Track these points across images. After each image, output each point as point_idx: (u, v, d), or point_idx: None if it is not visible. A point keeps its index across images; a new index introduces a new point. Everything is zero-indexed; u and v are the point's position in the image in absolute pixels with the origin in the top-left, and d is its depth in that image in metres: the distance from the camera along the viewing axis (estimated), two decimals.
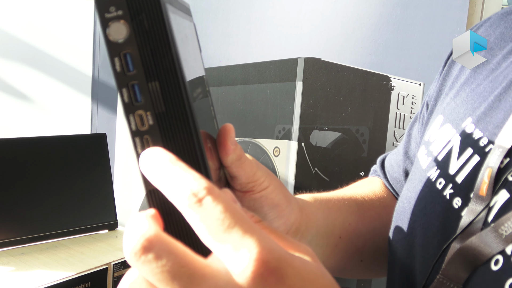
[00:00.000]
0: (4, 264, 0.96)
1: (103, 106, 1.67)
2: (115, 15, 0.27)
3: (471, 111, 0.45)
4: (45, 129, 1.70)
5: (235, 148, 0.36)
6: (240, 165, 0.37)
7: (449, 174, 0.43)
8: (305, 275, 0.26)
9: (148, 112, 0.28)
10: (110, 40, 0.28)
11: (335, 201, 0.55)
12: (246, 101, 1.24)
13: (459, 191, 0.41)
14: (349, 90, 1.14)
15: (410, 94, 1.20)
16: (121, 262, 1.03)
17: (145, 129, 0.28)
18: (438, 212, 0.42)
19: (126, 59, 0.28)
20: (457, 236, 0.38)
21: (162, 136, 0.28)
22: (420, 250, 0.44)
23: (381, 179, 0.66)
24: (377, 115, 1.18)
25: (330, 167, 1.14)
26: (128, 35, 0.28)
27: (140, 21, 0.27)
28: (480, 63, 0.47)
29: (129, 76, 0.28)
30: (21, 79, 1.71)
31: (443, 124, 0.48)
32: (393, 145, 1.20)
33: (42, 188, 1.09)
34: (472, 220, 0.37)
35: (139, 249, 0.24)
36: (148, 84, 0.28)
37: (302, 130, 1.09)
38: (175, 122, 0.28)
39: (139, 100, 0.28)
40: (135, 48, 0.28)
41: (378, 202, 0.61)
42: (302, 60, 1.08)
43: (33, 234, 1.06)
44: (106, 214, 1.19)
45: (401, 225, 0.48)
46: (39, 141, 1.14)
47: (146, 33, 0.28)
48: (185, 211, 0.25)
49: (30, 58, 1.69)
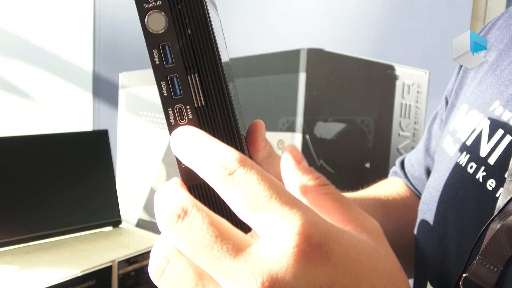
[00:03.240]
0: (8, 264, 0.95)
1: (105, 102, 1.66)
2: (154, 5, 0.27)
3: (498, 95, 0.44)
4: (47, 126, 1.70)
5: (266, 145, 0.35)
6: (270, 162, 0.37)
7: (480, 157, 0.42)
8: (355, 255, 0.23)
9: (187, 105, 0.28)
10: (149, 31, 0.27)
11: (360, 200, 0.55)
12: (249, 94, 1.22)
13: (493, 173, 0.40)
14: (353, 80, 1.12)
15: (416, 83, 1.18)
16: (125, 259, 1.02)
17: (184, 123, 0.28)
18: (472, 197, 0.42)
19: (165, 51, 0.27)
20: (495, 217, 0.37)
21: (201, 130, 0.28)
22: (454, 238, 0.43)
23: (402, 179, 0.66)
24: (382, 105, 1.16)
25: (335, 159, 1.12)
26: (167, 26, 0.27)
27: (179, 12, 0.27)
28: (503, 51, 0.47)
29: (168, 69, 0.28)
30: (22, 77, 1.70)
31: (469, 111, 0.48)
32: (399, 135, 1.18)
33: (45, 186, 1.08)
34: (510, 199, 0.37)
35: (174, 216, 0.23)
36: (187, 77, 0.27)
37: (306, 122, 1.08)
38: (215, 117, 0.28)
39: (178, 93, 0.28)
40: (174, 39, 0.27)
41: (402, 201, 0.61)
42: (304, 51, 1.06)
43: (35, 232, 1.05)
44: (109, 211, 1.18)
45: (430, 215, 0.47)
46: (41, 138, 1.13)
47: (185, 24, 0.27)
48: (217, 187, 0.24)
49: (31, 55, 1.68)
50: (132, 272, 1.04)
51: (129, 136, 1.56)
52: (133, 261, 1.04)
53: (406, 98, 1.18)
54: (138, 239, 1.13)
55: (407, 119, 1.18)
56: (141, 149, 1.52)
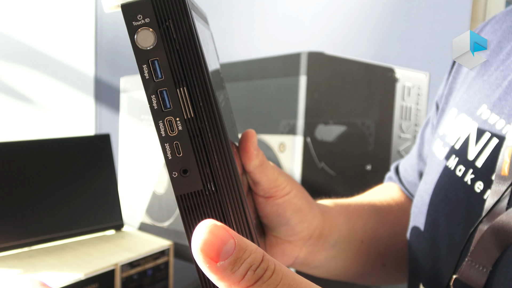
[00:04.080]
0: (11, 267, 0.95)
1: (106, 106, 1.66)
2: (143, 23, 0.28)
3: (485, 99, 0.45)
4: (49, 131, 1.70)
5: (258, 154, 0.36)
6: (263, 171, 0.38)
7: (468, 160, 0.43)
8: None
9: (177, 118, 0.29)
10: (138, 47, 0.28)
11: (355, 206, 0.56)
12: (249, 97, 1.23)
13: (480, 175, 0.41)
14: (354, 83, 1.13)
15: (416, 85, 1.19)
16: (128, 262, 1.03)
17: (174, 135, 0.29)
18: (461, 199, 0.42)
19: (154, 66, 0.29)
20: (483, 218, 0.38)
21: (191, 141, 0.29)
22: (445, 240, 0.44)
23: (397, 185, 0.66)
24: (382, 107, 1.17)
25: (336, 161, 1.13)
26: (156, 42, 0.28)
27: (168, 28, 0.28)
28: (490, 57, 0.48)
29: (157, 83, 0.29)
30: (24, 82, 1.71)
31: (457, 115, 0.48)
32: (400, 137, 1.19)
33: (47, 190, 1.09)
34: (497, 200, 0.37)
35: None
36: (177, 90, 0.28)
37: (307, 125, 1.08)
38: (205, 128, 0.29)
39: (168, 106, 0.29)
40: (163, 54, 0.28)
41: (397, 206, 0.62)
42: (305, 54, 1.07)
43: (39, 236, 1.05)
44: (112, 215, 1.19)
45: (422, 218, 0.48)
46: (42, 143, 1.13)
47: (174, 39, 0.28)
48: None
49: (32, 60, 1.69)
50: (135, 275, 1.05)
51: (131, 140, 1.57)
52: (136, 264, 1.05)
53: (406, 101, 1.18)
54: (141, 242, 1.14)
55: (408, 121, 1.19)
56: (143, 153, 1.53)
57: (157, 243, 1.13)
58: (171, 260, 1.15)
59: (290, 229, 0.43)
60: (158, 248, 1.11)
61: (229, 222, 0.31)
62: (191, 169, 0.29)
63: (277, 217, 0.41)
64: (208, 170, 0.29)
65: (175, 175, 0.29)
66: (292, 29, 1.30)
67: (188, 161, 0.29)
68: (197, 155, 0.29)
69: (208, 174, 0.30)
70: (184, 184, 0.29)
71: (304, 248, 0.45)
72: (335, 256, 0.49)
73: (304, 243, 0.45)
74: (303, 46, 1.23)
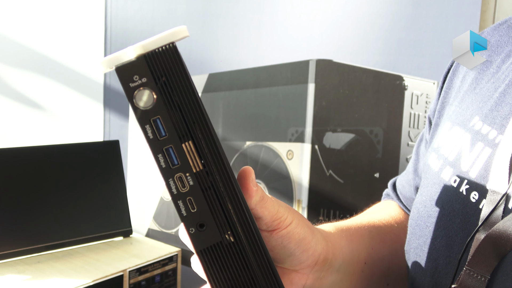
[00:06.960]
0: (20, 273, 0.96)
1: (116, 113, 1.67)
2: (140, 83, 0.27)
3: (478, 110, 0.46)
4: (58, 137, 1.72)
5: (257, 190, 0.36)
6: (264, 205, 0.38)
7: (462, 170, 0.43)
8: None
9: (187, 173, 0.28)
10: (139, 108, 0.28)
11: (355, 228, 0.56)
12: (258, 104, 1.23)
13: (475, 185, 0.41)
14: (362, 90, 1.13)
15: (424, 93, 1.19)
16: (136, 268, 1.03)
17: (186, 191, 0.28)
18: (457, 210, 0.43)
19: (157, 124, 0.28)
20: (479, 227, 0.38)
21: (204, 194, 0.29)
22: (443, 251, 0.44)
23: (395, 202, 0.67)
24: (391, 115, 1.17)
25: (344, 169, 1.12)
26: (156, 100, 0.28)
27: (165, 84, 0.27)
28: (481, 70, 0.49)
29: (162, 141, 0.28)
30: (34, 88, 1.72)
31: (451, 128, 0.49)
32: (408, 145, 1.19)
33: (56, 196, 1.10)
34: (492, 209, 0.38)
35: None
36: (182, 145, 0.28)
37: (315, 132, 1.08)
38: (214, 178, 0.29)
39: (176, 162, 0.28)
40: (164, 111, 0.28)
41: (396, 225, 0.62)
42: (313, 62, 1.07)
43: (48, 242, 1.06)
44: (120, 221, 1.19)
45: (419, 231, 0.48)
46: (52, 149, 1.14)
47: (173, 95, 0.28)
48: None
49: (43, 67, 1.70)
50: (143, 282, 1.05)
51: (139, 146, 1.58)
52: (144, 270, 1.05)
53: (414, 108, 1.18)
54: (149, 248, 1.14)
55: (416, 129, 1.19)
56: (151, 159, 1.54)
57: (165, 250, 1.13)
58: (179, 266, 1.15)
59: (296, 259, 0.43)
60: (166, 255, 1.11)
61: (253, 269, 0.30)
62: (208, 222, 0.29)
63: (283, 249, 0.42)
64: (224, 220, 0.29)
65: (192, 231, 0.29)
66: (300, 37, 1.31)
67: (204, 214, 0.29)
68: (211, 207, 0.29)
69: (225, 224, 0.29)
70: (203, 239, 0.29)
71: (310, 275, 0.45)
72: (341, 279, 0.50)
73: (310, 270, 0.45)
74: (311, 54, 1.23)
